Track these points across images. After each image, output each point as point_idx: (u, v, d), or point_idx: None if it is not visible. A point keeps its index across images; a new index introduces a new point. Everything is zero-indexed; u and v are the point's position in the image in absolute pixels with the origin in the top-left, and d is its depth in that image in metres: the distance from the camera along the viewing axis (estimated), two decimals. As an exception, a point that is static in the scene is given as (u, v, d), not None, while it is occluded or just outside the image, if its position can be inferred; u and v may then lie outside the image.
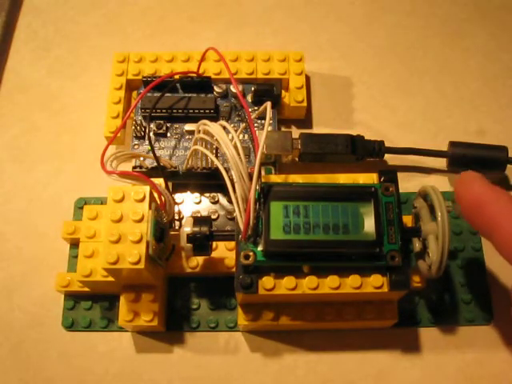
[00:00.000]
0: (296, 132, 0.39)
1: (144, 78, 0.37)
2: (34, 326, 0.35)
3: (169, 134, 0.37)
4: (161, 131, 0.37)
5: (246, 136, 0.37)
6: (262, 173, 0.33)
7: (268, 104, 0.33)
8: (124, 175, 0.32)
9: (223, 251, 0.33)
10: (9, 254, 0.37)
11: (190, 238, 0.30)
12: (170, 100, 0.37)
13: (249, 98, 0.38)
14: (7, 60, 0.44)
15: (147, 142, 0.37)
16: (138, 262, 0.29)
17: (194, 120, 0.35)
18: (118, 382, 0.33)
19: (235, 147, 0.29)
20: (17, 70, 0.44)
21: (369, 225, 0.29)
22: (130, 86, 0.39)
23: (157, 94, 0.36)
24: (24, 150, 0.40)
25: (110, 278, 0.31)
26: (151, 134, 0.37)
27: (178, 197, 0.37)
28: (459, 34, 0.44)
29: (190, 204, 0.37)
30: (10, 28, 0.45)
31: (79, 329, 0.34)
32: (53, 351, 0.34)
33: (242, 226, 0.28)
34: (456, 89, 0.42)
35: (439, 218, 0.28)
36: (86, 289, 0.34)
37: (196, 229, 0.30)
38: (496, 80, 0.43)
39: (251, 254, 0.28)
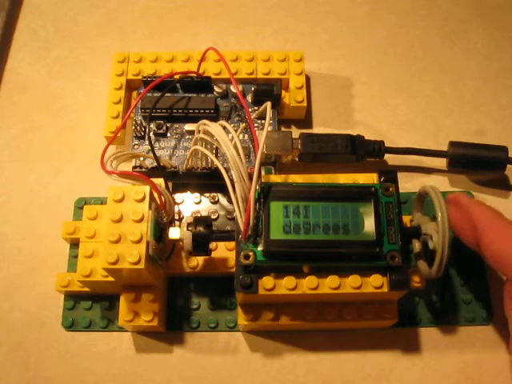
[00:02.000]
0: (296, 132, 0.39)
1: (144, 78, 0.37)
2: (33, 326, 0.35)
3: (169, 134, 0.37)
4: (161, 131, 0.37)
5: (246, 136, 0.37)
6: (262, 173, 0.33)
7: (268, 104, 0.33)
8: (124, 175, 0.32)
9: (223, 251, 0.33)
10: (9, 254, 0.37)
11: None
12: (169, 100, 0.37)
13: (249, 98, 0.38)
14: (7, 60, 0.44)
15: (147, 142, 0.37)
16: (137, 262, 0.29)
17: (194, 120, 0.35)
18: (117, 382, 0.33)
19: (235, 147, 0.29)
20: (17, 70, 0.44)
21: (369, 225, 0.29)
22: (130, 86, 0.39)
23: (157, 94, 0.36)
24: (24, 150, 0.40)
25: (110, 278, 0.31)
26: (151, 134, 0.37)
27: (177, 197, 0.37)
28: (459, 34, 0.44)
29: (190, 204, 0.37)
30: (10, 28, 0.45)
31: (79, 329, 0.34)
32: (53, 351, 0.34)
33: (242, 226, 0.28)
34: (456, 89, 0.42)
35: (439, 218, 0.28)
36: (86, 289, 0.34)
37: (196, 229, 0.30)
38: (496, 80, 0.42)
39: (251, 253, 0.28)
